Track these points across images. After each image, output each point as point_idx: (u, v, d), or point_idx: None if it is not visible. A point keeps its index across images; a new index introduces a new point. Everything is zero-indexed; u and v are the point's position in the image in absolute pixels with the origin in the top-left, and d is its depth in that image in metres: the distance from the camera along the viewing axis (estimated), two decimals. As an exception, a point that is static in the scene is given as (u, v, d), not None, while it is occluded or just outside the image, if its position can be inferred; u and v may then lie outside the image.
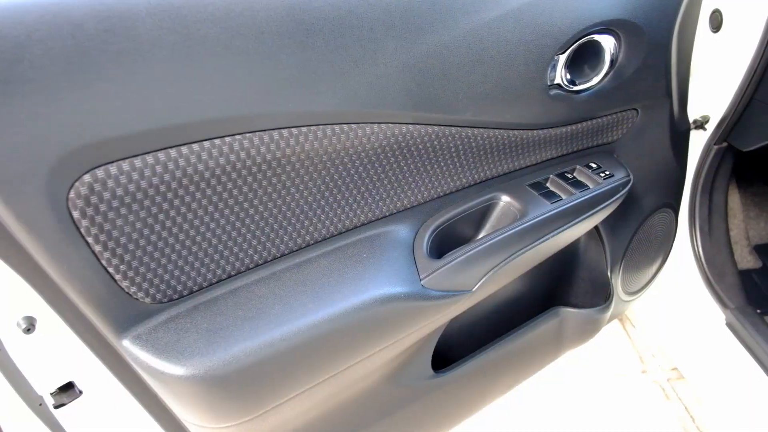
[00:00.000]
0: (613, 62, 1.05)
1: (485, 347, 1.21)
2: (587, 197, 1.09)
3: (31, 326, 0.77)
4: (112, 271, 0.71)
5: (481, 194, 1.06)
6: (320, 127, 0.80)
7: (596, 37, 1.00)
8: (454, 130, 0.94)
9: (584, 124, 1.12)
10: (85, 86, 0.61)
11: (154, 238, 0.73)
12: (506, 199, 1.07)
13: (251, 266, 0.86)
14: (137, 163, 0.67)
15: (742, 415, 1.42)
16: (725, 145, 1.35)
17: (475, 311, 1.23)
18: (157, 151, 0.69)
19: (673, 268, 1.60)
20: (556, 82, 1.01)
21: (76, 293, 0.71)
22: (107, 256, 0.70)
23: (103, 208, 0.67)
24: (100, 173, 0.65)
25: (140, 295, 0.75)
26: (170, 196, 0.72)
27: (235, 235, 0.81)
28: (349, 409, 1.07)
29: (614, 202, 1.13)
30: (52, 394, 0.86)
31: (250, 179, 0.78)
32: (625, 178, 1.15)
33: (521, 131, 1.03)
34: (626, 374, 1.81)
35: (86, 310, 0.74)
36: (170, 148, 0.69)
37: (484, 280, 0.99)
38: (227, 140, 0.73)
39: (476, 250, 0.97)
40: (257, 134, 0.75)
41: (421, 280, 0.92)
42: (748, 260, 1.72)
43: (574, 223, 1.07)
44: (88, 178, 0.65)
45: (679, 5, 1.10)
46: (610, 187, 1.12)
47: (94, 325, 0.77)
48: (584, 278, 1.40)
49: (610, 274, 1.38)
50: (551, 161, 1.15)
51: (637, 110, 1.18)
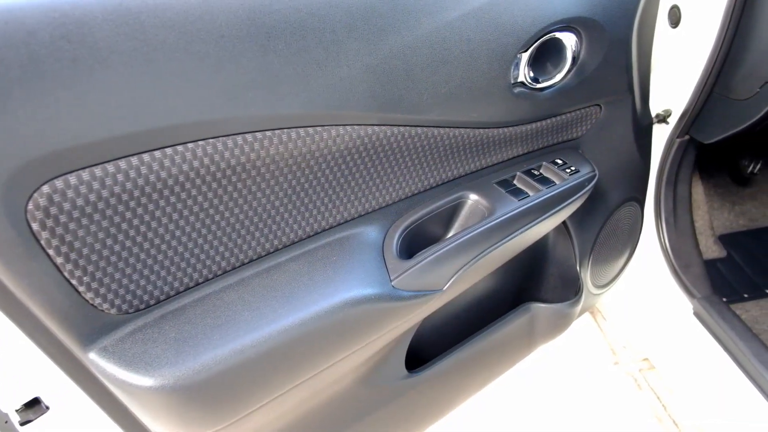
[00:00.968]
0: (575, 59, 1.06)
1: (458, 345, 1.22)
2: (554, 193, 1.10)
3: (-8, 342, 0.75)
4: (75, 282, 0.70)
5: (449, 193, 1.07)
6: (284, 130, 0.79)
7: (557, 34, 1.01)
8: (420, 130, 0.94)
9: (549, 121, 1.13)
10: (41, 95, 0.60)
11: (117, 247, 0.72)
12: (474, 197, 1.07)
13: (219, 273, 0.85)
14: (97, 172, 0.66)
15: (712, 401, 1.44)
16: (687, 138, 1.37)
17: (447, 310, 1.24)
18: (117, 159, 0.67)
19: (640, 260, 1.63)
20: (519, 80, 1.01)
21: (38, 307, 0.69)
22: (69, 267, 0.69)
23: (63, 219, 0.66)
24: (59, 183, 0.64)
25: (105, 306, 0.74)
26: (133, 204, 0.71)
27: (201, 242, 0.80)
28: (323, 412, 1.07)
29: (581, 197, 1.14)
30: (17, 410, 0.84)
31: (214, 185, 0.77)
32: (590, 173, 1.16)
33: (487, 130, 1.04)
34: (599, 366, 1.83)
35: (50, 323, 0.72)
36: (131, 156, 0.68)
37: (454, 278, 1.00)
38: (190, 146, 0.72)
39: (446, 249, 0.97)
40: (220, 139, 0.74)
41: (391, 281, 0.92)
42: (713, 250, 1.76)
43: (541, 219, 1.08)
44: (46, 188, 0.63)
45: (638, 2, 1.12)
46: (576, 182, 1.13)
47: (58, 338, 0.75)
48: (554, 273, 1.41)
49: (579, 268, 1.39)
50: (518, 158, 1.16)
51: (600, 106, 1.20)
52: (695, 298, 1.43)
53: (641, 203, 1.49)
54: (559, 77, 1.06)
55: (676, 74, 1.27)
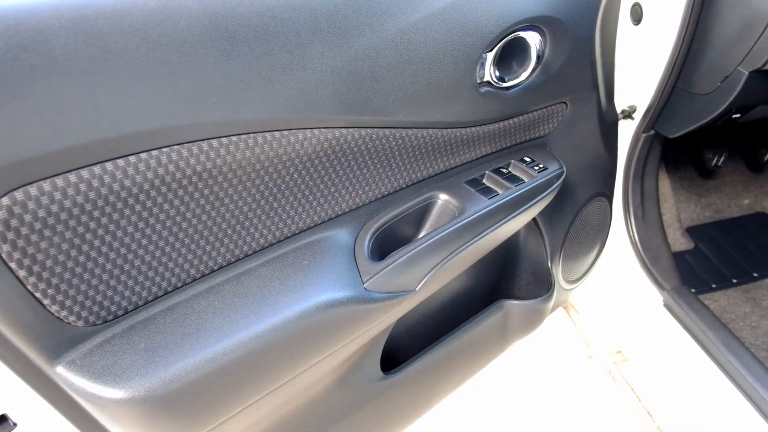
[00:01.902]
0: (539, 58, 1.07)
1: (433, 345, 1.22)
2: (523, 191, 1.11)
3: (-44, 360, 0.74)
4: (39, 296, 0.69)
5: (419, 194, 1.07)
6: (251, 135, 0.79)
7: (522, 33, 1.02)
8: (387, 131, 0.94)
9: (516, 119, 1.14)
10: None
11: (82, 259, 0.71)
12: (444, 197, 1.08)
13: (188, 281, 0.84)
14: (59, 182, 0.65)
15: (684, 391, 1.47)
16: (653, 133, 1.40)
17: (421, 310, 1.24)
18: (79, 169, 0.66)
19: (610, 254, 1.65)
20: (485, 79, 1.02)
21: (2, 321, 0.68)
22: (33, 281, 0.67)
23: (24, 231, 0.64)
24: (19, 195, 0.63)
25: (72, 318, 0.73)
26: (97, 214, 0.69)
27: (168, 250, 0.79)
28: (300, 417, 1.06)
29: (549, 194, 1.15)
30: (-17, 428, 0.82)
31: (181, 192, 0.76)
32: (558, 170, 1.18)
33: (455, 129, 1.04)
34: (573, 360, 1.85)
35: (14, 338, 0.70)
36: (94, 165, 0.67)
37: (426, 279, 1.00)
38: (154, 154, 0.71)
39: (417, 249, 0.97)
40: (185, 146, 0.73)
41: (363, 283, 0.92)
42: (681, 242, 1.79)
43: (511, 216, 1.09)
44: (6, 200, 0.62)
45: (599, 0, 1.13)
46: (544, 179, 1.14)
47: (24, 353, 0.73)
48: (526, 270, 1.42)
49: (550, 264, 1.40)
50: (486, 157, 1.16)
51: (566, 103, 1.21)
52: (665, 290, 1.46)
53: (609, 198, 1.51)
54: (524, 76, 1.07)
55: (639, 71, 1.29)
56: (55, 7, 0.61)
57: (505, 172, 1.14)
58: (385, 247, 1.00)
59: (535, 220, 1.33)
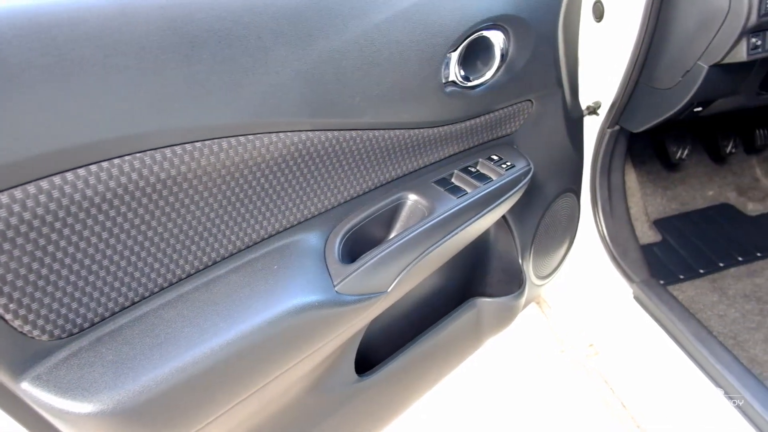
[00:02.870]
0: (503, 56, 1.08)
1: (407, 346, 1.22)
2: (491, 189, 1.11)
3: None
4: (1, 311, 0.67)
5: (388, 195, 1.07)
6: (215, 140, 0.78)
7: (485, 33, 1.03)
8: (354, 133, 0.94)
9: (482, 118, 1.14)
10: None
11: (45, 271, 0.69)
12: (413, 197, 1.08)
13: (156, 290, 0.82)
14: (17, 194, 0.63)
15: (656, 381, 1.49)
16: (618, 128, 1.42)
17: (394, 311, 1.24)
18: (39, 179, 0.65)
19: (580, 249, 1.67)
20: (450, 79, 1.02)
21: None
22: None
23: None
24: None
25: (36, 333, 0.71)
26: (58, 225, 0.68)
27: (134, 259, 0.78)
28: (275, 423, 1.05)
29: (518, 191, 1.16)
30: (-53, 448, 0.80)
31: (145, 201, 0.75)
32: (526, 167, 1.18)
33: (422, 130, 1.04)
34: (546, 355, 1.87)
35: None
36: (54, 175, 0.66)
37: (398, 279, 1.00)
38: (116, 162, 0.70)
39: (388, 250, 0.97)
40: (148, 153, 0.72)
41: (334, 286, 0.91)
42: (648, 235, 1.81)
43: (481, 215, 1.10)
44: None
45: None
46: (512, 177, 1.15)
47: None
48: (497, 268, 1.43)
49: (521, 261, 1.41)
50: (454, 156, 1.17)
51: (531, 101, 1.22)
52: (634, 282, 1.48)
53: (577, 194, 1.53)
54: (489, 75, 1.08)
55: (603, 67, 1.31)
56: (6, 15, 0.60)
57: (473, 170, 1.15)
58: (355, 249, 0.99)
59: (504, 217, 1.34)
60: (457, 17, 0.97)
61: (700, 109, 1.33)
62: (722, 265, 1.74)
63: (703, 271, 1.71)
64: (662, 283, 1.49)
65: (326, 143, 0.91)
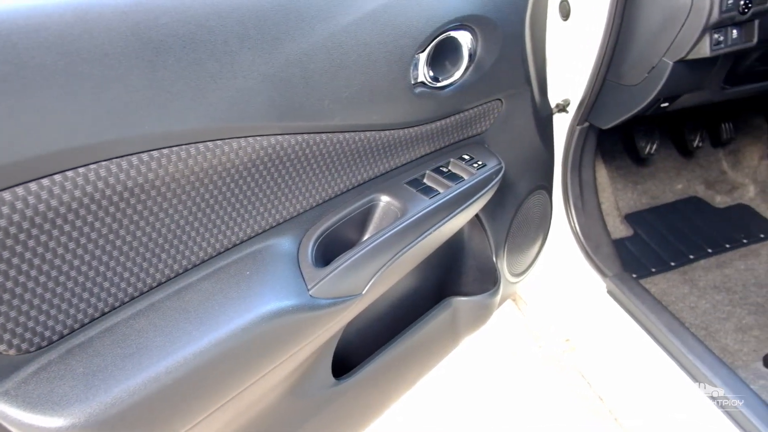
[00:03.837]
0: (471, 56, 1.08)
1: (384, 347, 1.22)
2: (463, 188, 1.11)
3: None
4: None
5: (360, 197, 1.06)
6: (183, 147, 0.77)
7: (453, 33, 1.03)
8: (324, 136, 0.94)
9: (452, 118, 1.15)
10: None
11: (10, 284, 0.68)
12: (386, 199, 1.08)
13: (126, 300, 0.81)
14: None
15: (631, 374, 1.51)
16: (587, 125, 1.43)
17: (369, 313, 1.24)
18: (1, 190, 0.63)
19: (554, 245, 1.68)
20: (419, 80, 1.03)
21: None
22: None
23: None
24: None
25: (2, 347, 0.69)
26: (23, 237, 0.67)
27: (103, 269, 0.76)
28: (252, 430, 1.04)
29: (490, 190, 1.17)
30: None
31: (112, 209, 0.73)
32: (497, 166, 1.19)
33: (392, 131, 1.04)
34: (522, 352, 1.88)
35: None
36: (17, 186, 0.64)
37: (372, 281, 1.00)
38: (81, 171, 0.69)
39: (361, 253, 0.97)
40: (114, 161, 0.71)
41: (308, 290, 0.91)
42: (620, 230, 1.84)
43: (454, 214, 1.10)
44: None
45: None
46: (484, 176, 1.15)
47: None
48: (471, 266, 1.44)
49: (495, 259, 1.42)
50: (426, 157, 1.17)
51: (501, 100, 1.23)
52: (607, 276, 1.50)
53: (549, 191, 1.55)
54: (458, 75, 1.08)
55: (570, 65, 1.32)
56: None
57: (445, 170, 1.15)
58: (329, 252, 0.99)
59: (477, 216, 1.34)
60: (424, 18, 0.97)
61: (666, 104, 1.36)
62: (692, 257, 1.77)
63: (674, 263, 1.74)
64: (635, 276, 1.51)
65: (296, 147, 0.91)
